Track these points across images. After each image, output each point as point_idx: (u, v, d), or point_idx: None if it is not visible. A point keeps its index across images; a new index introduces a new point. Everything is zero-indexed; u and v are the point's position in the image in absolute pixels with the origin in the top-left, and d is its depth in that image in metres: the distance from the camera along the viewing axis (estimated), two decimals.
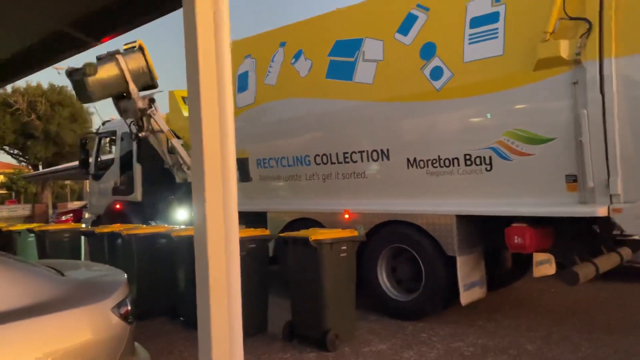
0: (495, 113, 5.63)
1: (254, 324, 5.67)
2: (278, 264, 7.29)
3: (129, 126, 9.34)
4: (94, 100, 8.41)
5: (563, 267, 5.64)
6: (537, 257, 6.88)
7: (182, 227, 7.38)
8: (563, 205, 5.16)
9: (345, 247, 5.38)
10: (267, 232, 6.20)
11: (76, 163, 13.76)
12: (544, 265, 7.01)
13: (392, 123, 6.43)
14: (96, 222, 10.58)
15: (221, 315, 2.11)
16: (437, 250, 5.95)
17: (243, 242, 5.48)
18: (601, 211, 4.88)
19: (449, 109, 5.93)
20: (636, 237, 6.29)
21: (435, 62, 5.98)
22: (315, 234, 5.28)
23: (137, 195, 10.00)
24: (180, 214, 9.26)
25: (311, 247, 5.14)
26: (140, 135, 8.91)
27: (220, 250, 2.13)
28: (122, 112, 8.78)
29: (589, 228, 5.76)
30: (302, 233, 5.52)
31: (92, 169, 11.05)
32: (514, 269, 7.18)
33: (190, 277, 5.79)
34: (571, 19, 5.01)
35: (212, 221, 2.12)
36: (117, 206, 10.18)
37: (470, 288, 5.87)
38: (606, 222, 5.01)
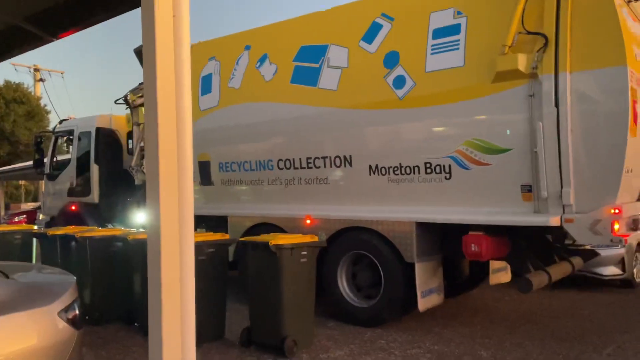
0: (455, 123, 5.74)
1: (211, 330, 5.58)
2: (237, 269, 7.22)
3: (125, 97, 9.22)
4: None
5: (518, 275, 5.80)
6: (494, 265, 7.08)
7: (140, 230, 7.22)
8: (518, 215, 5.29)
9: (305, 253, 5.34)
10: (226, 236, 6.12)
11: (31, 163, 13.31)
12: (500, 273, 7.22)
13: (356, 130, 6.47)
14: (50, 223, 10.24)
15: (173, 320, 2.07)
16: (396, 256, 6.01)
17: (201, 246, 5.39)
18: (554, 221, 5.02)
19: (411, 118, 6.01)
20: (588, 247, 6.53)
21: (399, 71, 6.06)
22: (276, 239, 5.23)
23: (94, 196, 9.73)
24: (139, 217, 9.05)
25: (271, 252, 5.09)
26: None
27: (174, 253, 2.09)
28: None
29: (542, 237, 5.94)
30: (262, 238, 5.47)
31: (47, 169, 10.70)
32: (471, 276, 7.32)
33: (146, 282, 5.65)
34: (529, 33, 5.16)
35: (167, 224, 2.08)
36: (73, 208, 9.88)
37: (428, 295, 5.95)
38: (559, 232, 5.17)
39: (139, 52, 7.98)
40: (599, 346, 5.36)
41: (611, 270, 7.95)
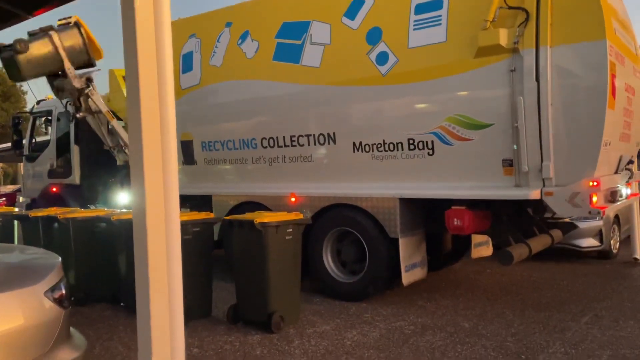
0: (438, 99, 5.77)
1: (198, 308, 5.61)
2: (223, 248, 7.24)
3: (65, 106, 8.94)
4: (27, 78, 7.93)
5: (499, 248, 5.91)
6: (476, 239, 7.21)
7: (123, 210, 7.18)
8: (499, 189, 5.38)
9: (290, 230, 5.37)
10: (211, 215, 6.11)
11: (9, 145, 13.06)
12: (482, 247, 7.36)
13: (339, 107, 6.46)
14: (31, 206, 10.11)
15: (161, 299, 2.09)
16: (380, 232, 6.08)
17: (187, 225, 5.37)
18: (534, 194, 5.12)
19: (394, 94, 6.02)
20: (567, 220, 6.66)
21: (381, 47, 6.04)
22: (261, 217, 5.24)
23: (75, 177, 9.61)
24: (121, 197, 8.99)
25: (256, 230, 5.10)
26: (77, 115, 8.52)
27: (160, 233, 2.10)
28: (57, 92, 8.33)
29: (523, 211, 6.05)
30: (247, 216, 5.47)
31: (25, 151, 10.52)
32: (453, 250, 7.44)
33: (131, 262, 5.60)
34: (510, 8, 5.17)
35: (152, 204, 2.08)
36: (54, 189, 9.75)
37: (411, 269, 6.05)
38: (539, 205, 5.27)
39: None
40: (577, 315, 5.51)
41: (589, 242, 8.15)
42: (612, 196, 5.48)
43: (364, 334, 5.09)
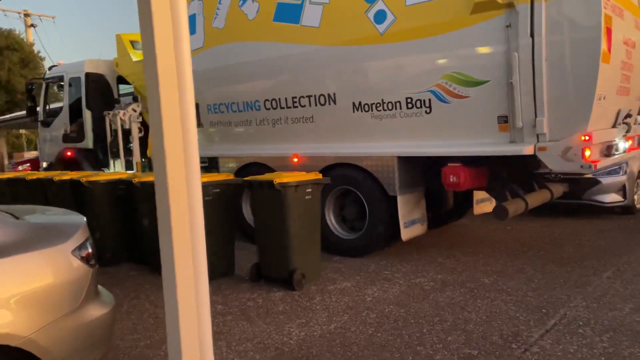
0: (435, 57, 5.78)
1: (221, 267, 5.73)
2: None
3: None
4: None
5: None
6: (477, 195, 7.30)
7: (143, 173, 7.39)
8: (494, 145, 5.44)
9: (310, 190, 5.41)
10: (231, 176, 6.15)
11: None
12: (484, 203, 7.46)
13: (338, 67, 6.51)
14: (48, 170, 10.45)
15: (185, 258, 2.11)
16: (379, 190, 6.22)
17: (207, 187, 5.46)
18: (527, 150, 5.18)
19: (392, 53, 6.04)
20: (589, 175, 6.65)
21: (379, 5, 6.03)
22: (280, 177, 5.28)
23: (89, 142, 9.89)
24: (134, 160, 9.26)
25: (276, 190, 5.15)
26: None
27: (182, 194, 2.08)
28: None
29: (523, 167, 6.10)
30: (267, 176, 5.53)
31: (40, 116, 10.79)
32: (455, 207, 7.55)
33: (153, 223, 5.76)
34: None
35: (173, 166, 2.04)
36: (69, 153, 10.05)
37: (410, 225, 6.20)
38: (533, 160, 5.33)
39: None
40: (599, 269, 5.48)
41: (612, 198, 8.04)
42: (608, 150, 5.51)
43: (384, 290, 5.14)
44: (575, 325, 4.08)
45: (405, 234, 6.12)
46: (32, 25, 30.98)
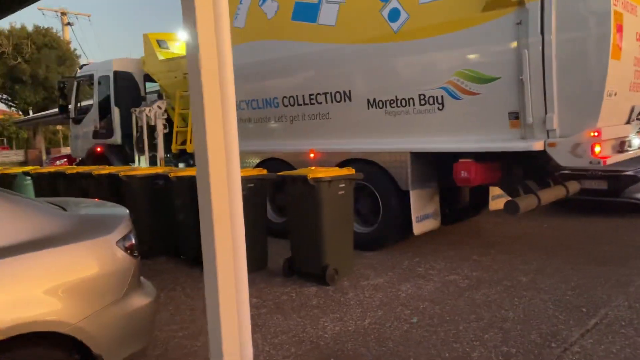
0: (447, 54, 5.86)
1: (255, 261, 5.74)
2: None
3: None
4: None
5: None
6: (493, 191, 7.34)
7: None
8: (505, 141, 5.50)
9: (343, 185, 5.42)
10: (264, 171, 6.18)
11: None
12: (500, 199, 7.48)
13: (354, 65, 6.64)
14: (80, 165, 10.88)
15: (226, 251, 2.16)
16: (393, 185, 6.34)
17: (242, 181, 5.55)
18: (537, 145, 5.23)
19: (405, 51, 6.14)
20: (628, 173, 6.57)
21: (393, 3, 6.14)
22: (314, 173, 5.28)
23: (117, 138, 10.27)
24: (163, 155, 9.60)
25: (310, 185, 5.16)
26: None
27: (222, 188, 2.17)
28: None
29: (535, 163, 6.13)
30: (300, 171, 5.57)
31: (72, 113, 11.24)
32: (471, 203, 7.60)
33: (189, 217, 5.98)
34: None
35: (214, 161, 2.14)
36: (98, 149, 10.47)
37: (423, 220, 6.30)
38: (543, 156, 5.36)
39: None
40: None
41: None
42: (621, 146, 5.50)
43: (418, 287, 5.10)
44: (618, 326, 3.97)
45: (417, 228, 6.22)
46: (68, 23, 31.88)
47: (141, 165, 9.56)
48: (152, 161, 9.56)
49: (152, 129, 9.51)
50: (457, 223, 7.58)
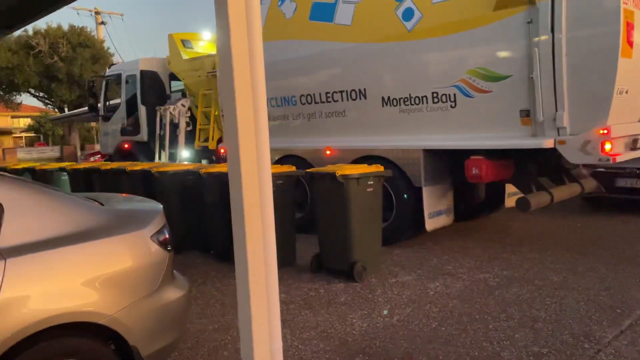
0: (460, 52, 5.93)
1: (283, 257, 5.67)
2: None
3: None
4: None
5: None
6: (509, 188, 7.36)
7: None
8: (516, 139, 5.56)
9: (371, 182, 5.41)
10: (293, 168, 6.21)
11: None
12: (516, 197, 7.48)
13: (369, 64, 6.77)
14: (108, 161, 11.28)
15: (256, 247, 2.22)
16: (406, 182, 6.45)
17: (272, 178, 5.61)
18: (547, 143, 5.27)
19: (419, 49, 6.24)
20: None
21: (407, 3, 6.24)
22: (342, 169, 5.31)
23: (143, 135, 10.63)
24: (184, 153, 9.90)
25: (338, 182, 5.18)
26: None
27: (254, 185, 2.22)
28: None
29: (547, 160, 6.15)
30: (328, 168, 5.60)
31: (101, 111, 11.67)
32: (487, 200, 7.63)
33: (219, 212, 6.10)
34: None
35: (246, 158, 2.19)
36: (126, 146, 10.85)
37: (435, 216, 6.40)
38: (554, 153, 5.40)
39: None
40: None
41: None
42: (634, 144, 5.48)
43: (447, 285, 5.05)
44: None
45: (430, 224, 6.32)
46: (102, 22, 32.64)
47: (162, 161, 9.87)
48: (171, 157, 9.87)
49: (175, 127, 9.82)
50: (472, 220, 7.63)
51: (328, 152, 7.25)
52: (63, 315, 2.44)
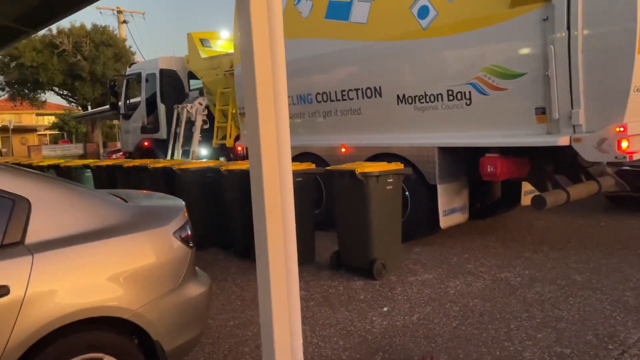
0: (475, 50, 5.92)
1: (302, 254, 5.70)
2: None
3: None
4: None
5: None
6: (526, 187, 7.32)
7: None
8: (531, 136, 5.53)
9: (391, 180, 5.40)
10: (312, 166, 6.23)
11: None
12: (533, 195, 7.43)
13: (384, 61, 6.79)
14: (128, 158, 11.48)
15: (277, 244, 2.25)
16: (421, 179, 6.46)
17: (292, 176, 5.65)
18: (563, 140, 5.24)
19: (434, 47, 6.24)
20: None
21: (423, 1, 6.24)
22: (362, 167, 5.32)
23: (162, 133, 10.80)
24: (202, 150, 10.04)
25: (358, 179, 5.19)
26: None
27: (275, 182, 2.25)
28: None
29: (566, 157, 6.11)
30: (348, 166, 5.59)
31: (122, 110, 11.87)
32: (504, 198, 7.59)
33: (239, 209, 6.17)
34: None
35: (267, 155, 2.23)
36: (146, 143, 11.04)
37: (450, 214, 6.40)
38: (570, 151, 5.36)
39: None
40: None
41: None
42: None
43: (467, 284, 5.01)
44: None
45: (444, 222, 6.32)
46: (124, 21, 33.09)
47: (175, 158, 10.01)
48: (184, 154, 10.02)
49: (192, 125, 9.96)
50: (489, 218, 7.60)
51: (343, 149, 7.30)
52: (88, 309, 2.50)
